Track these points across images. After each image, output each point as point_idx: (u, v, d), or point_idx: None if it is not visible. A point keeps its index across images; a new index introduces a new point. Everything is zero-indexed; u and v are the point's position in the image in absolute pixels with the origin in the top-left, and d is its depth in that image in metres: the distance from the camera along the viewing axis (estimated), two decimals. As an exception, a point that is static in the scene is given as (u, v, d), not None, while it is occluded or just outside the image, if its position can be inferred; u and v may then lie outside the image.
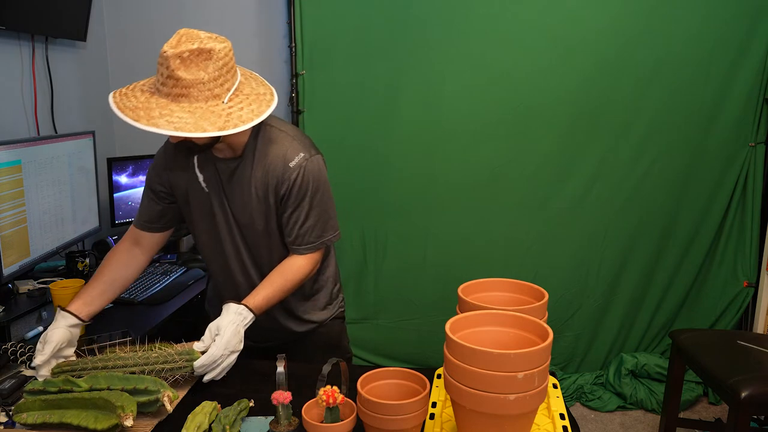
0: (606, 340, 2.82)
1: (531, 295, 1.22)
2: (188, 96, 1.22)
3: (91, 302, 1.44)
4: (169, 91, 1.23)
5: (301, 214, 1.42)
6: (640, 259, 2.75)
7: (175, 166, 1.48)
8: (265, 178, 1.40)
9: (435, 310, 2.81)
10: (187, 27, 1.27)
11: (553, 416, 1.16)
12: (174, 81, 1.21)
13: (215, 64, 1.24)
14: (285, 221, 1.44)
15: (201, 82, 1.22)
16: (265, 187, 1.41)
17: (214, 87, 1.24)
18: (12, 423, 1.17)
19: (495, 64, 2.58)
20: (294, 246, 1.45)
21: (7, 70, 2.15)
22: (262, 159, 1.40)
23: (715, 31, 2.51)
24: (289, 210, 1.42)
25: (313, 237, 1.45)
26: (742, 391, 1.82)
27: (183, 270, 2.31)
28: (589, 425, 2.62)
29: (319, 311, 1.62)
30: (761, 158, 2.64)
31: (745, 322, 2.78)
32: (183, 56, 1.21)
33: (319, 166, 1.43)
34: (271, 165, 1.40)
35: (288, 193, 1.41)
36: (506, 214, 2.72)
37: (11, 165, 1.77)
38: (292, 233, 1.44)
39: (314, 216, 1.43)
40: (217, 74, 1.24)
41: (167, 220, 1.55)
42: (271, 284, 1.41)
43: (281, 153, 1.40)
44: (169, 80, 1.22)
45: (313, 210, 1.43)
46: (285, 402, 1.10)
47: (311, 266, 1.47)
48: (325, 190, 1.45)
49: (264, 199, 1.42)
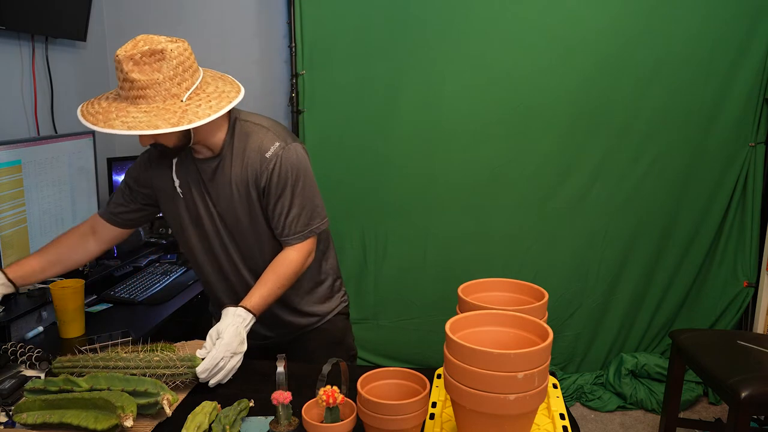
0: (606, 340, 2.82)
1: (531, 295, 1.22)
2: (145, 97, 1.25)
3: (28, 274, 1.49)
4: (126, 95, 1.26)
5: (284, 204, 1.42)
6: (640, 259, 2.75)
7: (158, 171, 1.49)
8: (245, 173, 1.41)
9: (435, 310, 2.81)
10: (187, 27, 1.29)
11: (553, 416, 1.16)
12: (129, 83, 1.24)
13: (169, 64, 1.25)
14: (271, 214, 1.44)
15: (156, 82, 1.24)
16: (246, 182, 1.41)
17: (171, 86, 1.26)
18: (12, 423, 1.17)
19: (495, 64, 2.58)
20: (283, 238, 1.45)
21: (7, 70, 2.15)
22: (240, 154, 1.41)
23: (715, 31, 2.51)
24: (272, 201, 1.43)
25: (300, 226, 1.44)
26: (742, 391, 1.82)
27: (183, 270, 2.31)
28: (589, 425, 2.62)
29: (320, 304, 1.62)
30: (761, 158, 2.64)
31: (745, 322, 2.78)
32: (135, 58, 1.23)
33: (297, 154, 1.42)
34: (248, 159, 1.40)
35: (268, 184, 1.41)
36: (506, 214, 2.72)
37: (11, 165, 1.77)
38: (279, 225, 1.44)
39: (298, 205, 1.43)
40: (173, 74, 1.26)
41: (130, 219, 1.56)
42: (265, 283, 1.41)
43: (257, 145, 1.40)
44: (125, 83, 1.25)
45: (296, 199, 1.42)
46: (285, 402, 1.10)
47: (303, 257, 1.46)
48: (306, 178, 1.44)
49: (246, 194, 1.42)
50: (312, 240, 1.48)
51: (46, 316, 1.79)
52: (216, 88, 1.34)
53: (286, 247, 1.46)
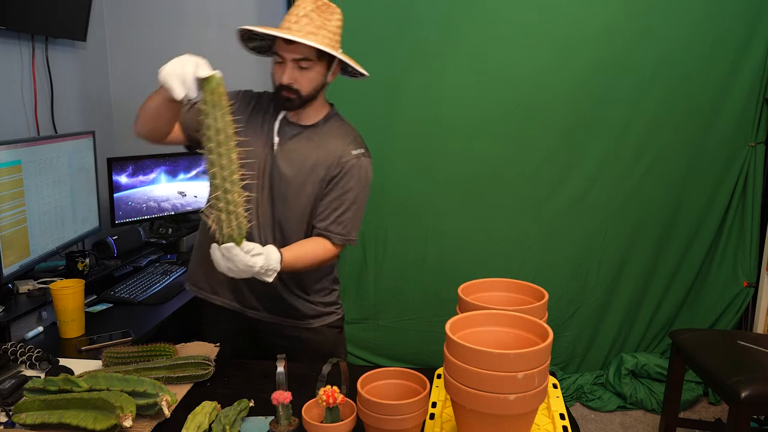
0: (606, 340, 2.82)
1: (531, 295, 1.22)
2: (316, 34, 1.39)
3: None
4: (300, 29, 1.38)
5: (343, 204, 1.49)
6: (640, 258, 2.75)
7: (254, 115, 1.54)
8: (324, 154, 1.48)
9: (435, 310, 2.81)
10: (187, 27, 1.29)
11: (553, 416, 1.16)
12: (307, 19, 1.39)
13: (336, 22, 1.45)
14: (325, 206, 1.49)
15: (325, 27, 1.42)
16: (321, 160, 1.48)
17: (333, 37, 1.43)
18: (11, 423, 1.17)
19: (495, 64, 2.58)
20: (324, 231, 1.49)
21: (7, 70, 2.15)
22: (326, 138, 1.51)
23: (714, 31, 2.51)
24: (332, 195, 1.49)
25: (345, 230, 1.50)
26: (742, 391, 1.82)
27: (183, 270, 2.31)
28: (589, 425, 2.62)
29: (324, 296, 1.64)
30: (761, 158, 2.64)
31: (745, 322, 2.78)
32: (317, 3, 1.42)
33: (370, 169, 1.54)
34: (334, 145, 1.50)
35: (339, 177, 1.48)
36: (506, 213, 2.72)
37: (11, 165, 1.77)
38: (328, 218, 1.49)
39: (352, 211, 1.51)
40: (335, 29, 1.45)
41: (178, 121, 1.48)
42: (302, 246, 1.45)
43: (347, 138, 1.52)
44: (303, 18, 1.39)
45: (353, 205, 1.51)
46: (285, 402, 1.10)
47: (333, 255, 1.52)
48: (367, 193, 1.54)
49: (313, 169, 1.48)
50: (340, 250, 1.53)
51: (46, 316, 1.79)
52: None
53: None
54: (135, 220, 2.51)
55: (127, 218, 2.48)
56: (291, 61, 1.42)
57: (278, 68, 1.45)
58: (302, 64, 1.42)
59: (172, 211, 2.67)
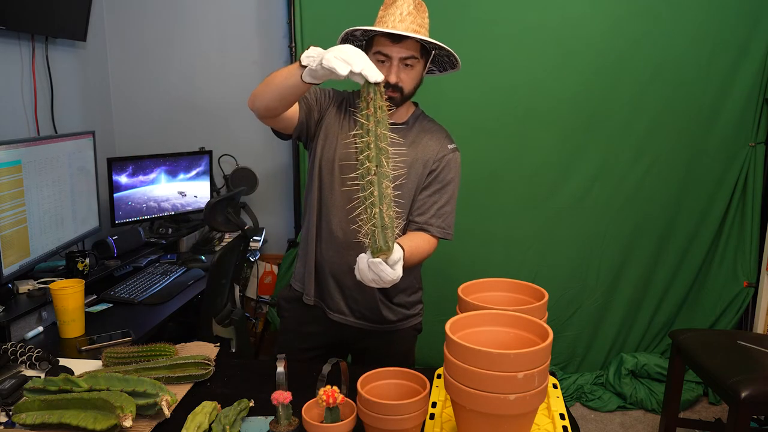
0: (606, 340, 2.82)
1: (531, 295, 1.22)
2: (418, 32, 1.41)
3: None
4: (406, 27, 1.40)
5: (443, 196, 1.52)
6: (640, 259, 2.75)
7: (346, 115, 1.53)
8: (421, 149, 1.50)
9: (435, 310, 2.80)
10: (187, 27, 1.28)
11: (553, 416, 1.16)
12: (411, 17, 1.41)
13: (427, 20, 1.47)
14: (423, 199, 1.50)
15: (424, 26, 1.45)
16: (419, 161, 1.49)
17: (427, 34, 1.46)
18: (11, 423, 1.17)
19: (495, 64, 2.58)
20: (425, 225, 1.49)
21: (7, 70, 2.15)
22: (417, 134, 1.53)
23: (715, 32, 2.51)
24: (432, 188, 1.51)
25: (446, 223, 1.53)
26: (742, 391, 1.82)
27: (183, 270, 2.31)
28: (589, 425, 2.62)
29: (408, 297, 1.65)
30: (761, 158, 2.64)
31: (745, 322, 2.78)
32: (416, 2, 1.44)
33: (460, 164, 1.57)
34: (429, 141, 1.52)
35: (439, 171, 1.51)
36: (506, 214, 2.72)
37: (11, 165, 1.77)
38: (429, 211, 1.50)
39: (451, 204, 1.54)
40: (428, 26, 1.47)
41: (300, 101, 1.49)
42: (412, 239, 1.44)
43: (441, 135, 1.55)
44: (407, 17, 1.41)
45: (452, 198, 1.54)
46: (285, 402, 1.10)
47: (433, 249, 1.52)
48: (458, 187, 1.57)
49: (414, 171, 1.49)
50: (437, 243, 1.52)
51: (46, 316, 1.79)
52: None
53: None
54: (135, 220, 2.51)
55: (127, 218, 2.48)
56: (398, 59, 1.43)
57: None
58: (408, 62, 1.44)
59: (172, 211, 2.67)
